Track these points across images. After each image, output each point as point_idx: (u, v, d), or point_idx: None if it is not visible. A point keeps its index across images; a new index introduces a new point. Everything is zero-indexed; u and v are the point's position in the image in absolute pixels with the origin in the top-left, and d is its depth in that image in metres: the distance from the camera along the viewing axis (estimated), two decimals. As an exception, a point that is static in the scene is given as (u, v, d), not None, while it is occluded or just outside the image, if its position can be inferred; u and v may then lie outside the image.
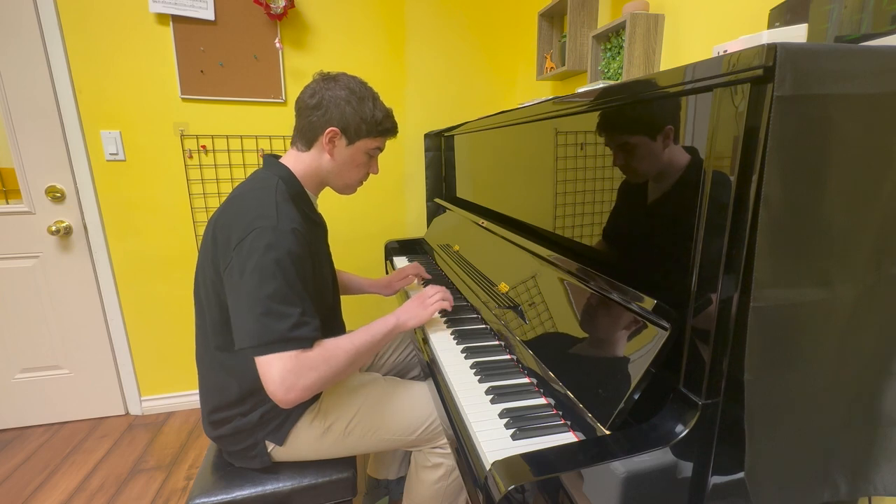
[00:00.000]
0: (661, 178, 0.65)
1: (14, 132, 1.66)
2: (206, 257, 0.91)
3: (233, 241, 0.84)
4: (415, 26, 1.94)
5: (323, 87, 0.95)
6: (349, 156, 1.00)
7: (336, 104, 0.94)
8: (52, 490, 1.56)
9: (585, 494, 0.56)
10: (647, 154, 0.67)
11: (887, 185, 0.53)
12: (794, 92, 0.46)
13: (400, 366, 1.34)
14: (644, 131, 0.67)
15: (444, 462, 1.04)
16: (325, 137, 0.96)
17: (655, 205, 0.67)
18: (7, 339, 1.82)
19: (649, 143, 0.66)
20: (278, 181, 0.93)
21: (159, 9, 1.64)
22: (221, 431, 0.96)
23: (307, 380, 0.82)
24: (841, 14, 0.71)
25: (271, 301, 0.81)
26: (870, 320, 0.57)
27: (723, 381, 0.57)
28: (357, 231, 2.08)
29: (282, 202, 0.88)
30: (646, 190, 0.69)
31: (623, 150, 0.73)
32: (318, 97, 0.95)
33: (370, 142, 1.00)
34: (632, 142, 0.70)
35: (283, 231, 0.84)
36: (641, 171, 0.69)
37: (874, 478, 0.63)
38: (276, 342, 0.80)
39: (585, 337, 0.75)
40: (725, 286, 0.54)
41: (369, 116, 0.96)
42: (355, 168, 1.03)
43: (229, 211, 0.90)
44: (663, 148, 0.64)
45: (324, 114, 0.95)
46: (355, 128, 0.96)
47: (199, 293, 0.95)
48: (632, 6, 1.19)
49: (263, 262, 0.81)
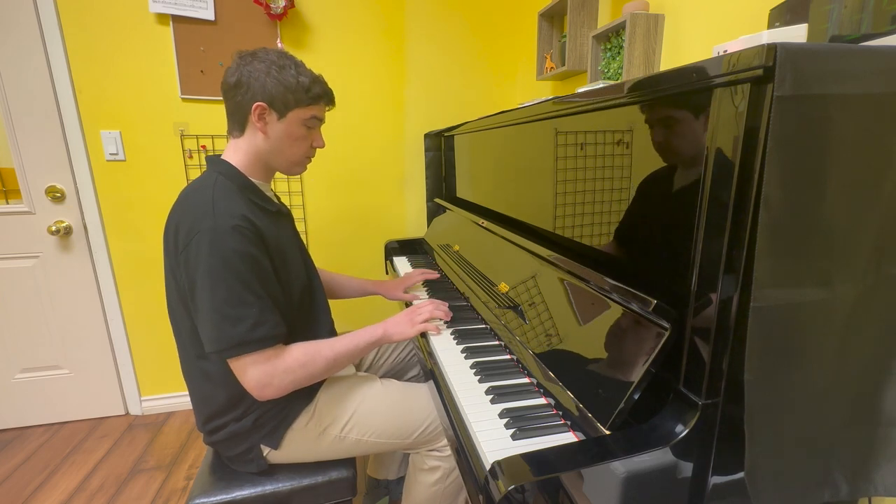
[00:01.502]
0: (660, 179, 0.65)
1: (14, 132, 1.66)
2: (167, 267, 0.90)
3: (179, 245, 0.83)
4: (415, 26, 1.94)
5: (241, 63, 0.90)
6: (284, 130, 0.93)
7: (256, 77, 0.88)
8: (52, 490, 1.56)
9: (585, 494, 0.56)
10: (647, 154, 0.67)
11: (887, 185, 0.53)
12: (794, 92, 0.46)
13: (399, 366, 1.33)
14: (644, 131, 0.67)
15: (441, 465, 1.03)
16: (254, 115, 0.90)
17: (655, 205, 0.67)
18: (7, 339, 1.82)
19: (649, 143, 0.66)
20: (217, 178, 0.90)
21: (159, 9, 1.64)
22: (217, 437, 0.96)
23: (282, 381, 0.86)
24: (841, 14, 0.71)
25: (225, 305, 0.80)
26: (870, 320, 0.57)
27: (723, 381, 0.57)
28: (357, 231, 2.09)
29: (220, 200, 0.85)
30: (646, 190, 0.69)
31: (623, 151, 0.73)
32: (238, 74, 0.89)
33: (303, 111, 0.93)
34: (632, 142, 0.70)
35: (223, 230, 0.81)
36: (641, 171, 0.69)
37: (875, 478, 0.63)
38: (235, 346, 0.81)
39: (585, 337, 0.75)
40: (725, 286, 0.54)
41: (294, 84, 0.90)
42: (294, 142, 0.95)
43: (174, 215, 0.88)
44: (663, 148, 0.64)
45: (246, 91, 0.89)
46: (282, 99, 0.90)
47: (170, 303, 0.94)
48: (632, 6, 1.19)
49: (210, 266, 0.80)
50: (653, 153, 0.66)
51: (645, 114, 0.67)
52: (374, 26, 1.90)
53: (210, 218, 0.82)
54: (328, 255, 2.04)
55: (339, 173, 2.00)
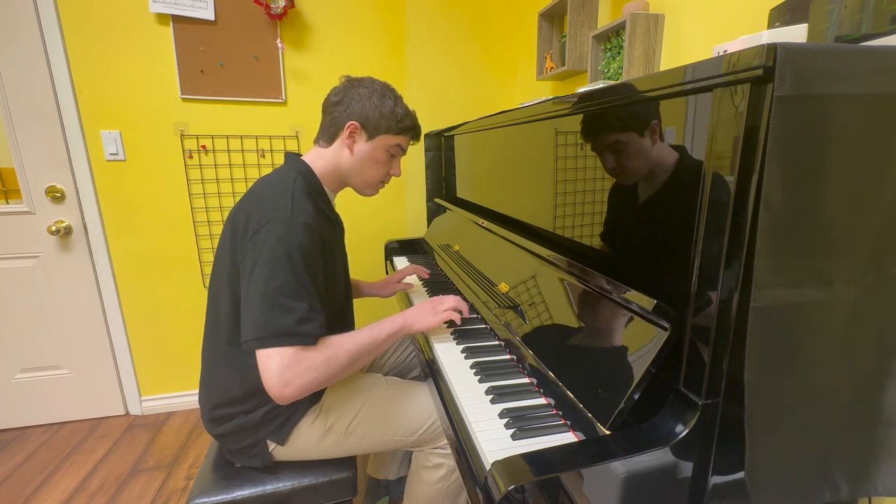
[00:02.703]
0: (661, 179, 0.65)
1: (14, 132, 1.66)
2: (224, 249, 0.92)
3: (249, 232, 0.86)
4: (415, 26, 1.94)
5: (347, 86, 0.99)
6: (369, 151, 1.00)
7: (357, 100, 0.97)
8: (52, 490, 1.56)
9: (585, 494, 0.56)
10: (648, 154, 0.67)
11: (887, 185, 0.53)
12: (793, 92, 0.46)
13: (401, 366, 1.34)
14: (644, 131, 0.67)
15: (445, 462, 1.04)
16: (346, 132, 0.97)
17: (655, 205, 0.67)
18: (7, 339, 1.82)
19: (649, 143, 0.66)
20: (297, 176, 0.94)
21: (159, 9, 1.64)
22: (223, 429, 0.96)
23: (305, 378, 0.82)
24: (841, 14, 0.71)
25: (279, 294, 0.81)
26: (870, 320, 0.57)
27: (723, 381, 0.57)
28: (357, 231, 2.08)
29: (298, 196, 0.89)
30: (646, 190, 0.69)
31: (623, 151, 0.73)
32: (342, 95, 0.98)
33: (390, 138, 1.01)
34: (632, 142, 0.70)
35: (296, 224, 0.85)
36: (642, 171, 0.69)
37: (875, 478, 0.63)
38: (279, 335, 0.81)
39: (585, 337, 0.75)
40: (725, 286, 0.54)
41: (389, 112, 0.98)
42: (375, 165, 1.03)
43: (247, 203, 0.91)
44: (663, 148, 0.64)
45: (345, 109, 0.97)
46: (375, 123, 0.98)
47: (214, 286, 0.96)
48: (632, 6, 1.19)
49: (275, 255, 0.82)
50: (653, 153, 0.66)
51: (645, 114, 0.67)
52: (374, 26, 1.90)
53: (287, 210, 0.86)
54: (328, 255, 2.04)
55: (339, 173, 2.00)
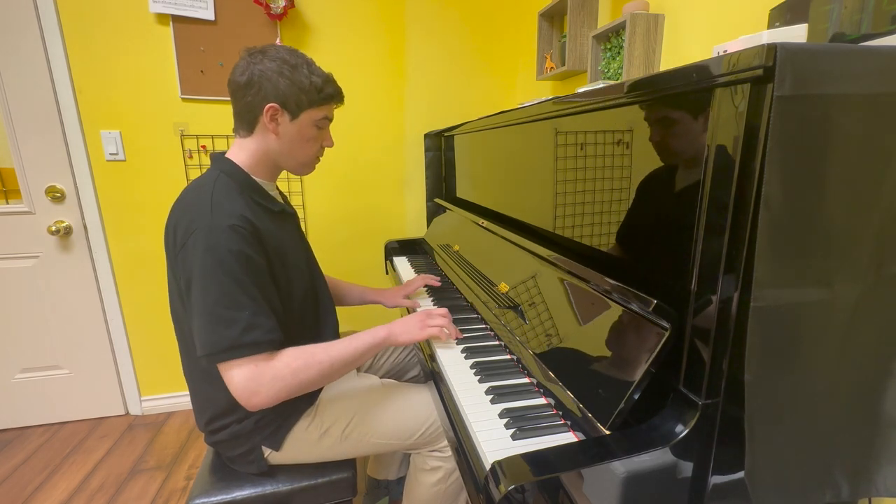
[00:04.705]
0: (660, 179, 0.65)
1: (14, 132, 1.66)
2: (168, 267, 0.89)
3: (178, 245, 0.82)
4: (415, 26, 1.94)
5: (251, 62, 0.87)
6: (296, 131, 0.92)
7: (268, 78, 0.86)
8: (52, 490, 1.56)
9: (585, 494, 0.56)
10: (647, 154, 0.67)
11: (887, 185, 0.53)
12: (794, 92, 0.46)
13: (399, 366, 1.33)
14: (644, 131, 0.67)
15: (442, 465, 1.03)
16: (266, 116, 0.88)
17: (655, 205, 0.67)
18: (7, 339, 1.82)
19: (649, 143, 0.66)
20: (218, 175, 0.89)
21: (159, 9, 1.64)
22: (218, 438, 0.96)
23: (272, 388, 0.80)
24: (841, 14, 0.71)
25: (216, 306, 0.78)
26: (870, 320, 0.57)
27: (723, 381, 0.57)
28: (357, 231, 2.08)
29: (220, 198, 0.84)
30: (646, 190, 0.69)
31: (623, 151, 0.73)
32: (248, 74, 0.87)
33: (315, 112, 0.92)
34: (632, 142, 0.70)
35: (220, 229, 0.79)
36: (641, 171, 0.69)
37: (876, 478, 0.63)
38: (226, 350, 0.78)
39: (585, 337, 0.75)
40: (725, 286, 0.54)
41: (307, 84, 0.88)
42: (306, 143, 0.95)
43: (174, 214, 0.87)
44: (663, 148, 0.64)
45: (258, 91, 0.87)
46: (295, 99, 0.88)
47: (172, 304, 0.92)
48: (632, 6, 1.19)
49: (205, 267, 0.78)
50: (653, 153, 0.66)
51: (645, 114, 0.67)
52: (374, 26, 1.90)
53: (207, 216, 0.81)
54: (328, 256, 2.03)
55: (340, 173, 2.00)
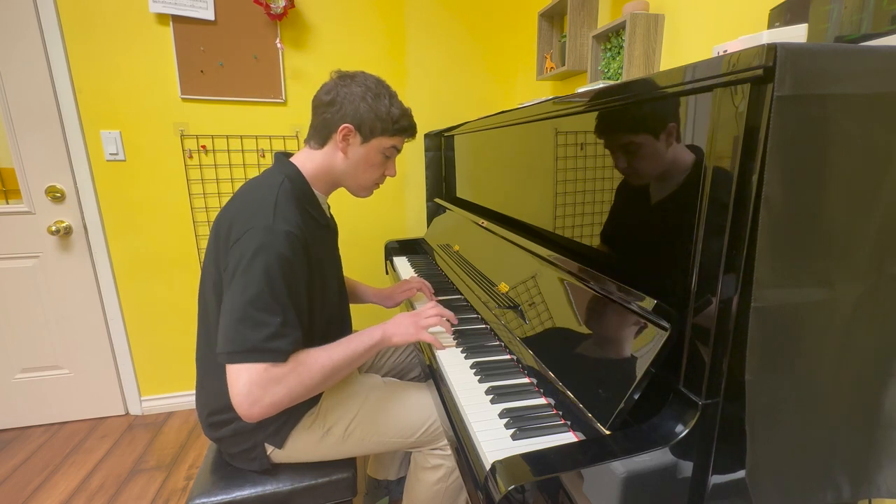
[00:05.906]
0: (661, 179, 0.65)
1: (14, 132, 1.66)
2: (210, 256, 0.90)
3: (231, 239, 0.83)
4: (415, 26, 1.94)
5: (339, 84, 0.94)
6: (364, 155, 0.97)
7: (351, 100, 0.92)
8: (52, 490, 1.56)
9: (585, 494, 0.56)
10: (648, 154, 0.67)
11: (887, 185, 0.53)
12: (794, 92, 0.46)
13: (400, 366, 1.33)
14: (644, 131, 0.67)
15: (444, 463, 1.04)
16: (339, 135, 0.93)
17: (656, 205, 0.67)
18: (7, 339, 1.82)
19: (649, 143, 0.66)
20: (284, 180, 0.91)
21: (159, 9, 1.64)
22: (221, 433, 0.96)
23: (275, 396, 0.79)
24: (841, 14, 0.71)
25: (251, 307, 0.78)
26: (871, 320, 0.57)
27: (723, 381, 0.57)
28: (357, 231, 2.08)
29: (282, 202, 0.86)
30: (646, 190, 0.69)
31: (623, 151, 0.73)
32: (333, 94, 0.93)
33: (386, 140, 0.97)
34: (632, 142, 0.70)
35: (277, 232, 0.81)
36: (642, 171, 0.69)
37: (877, 479, 0.62)
38: (247, 351, 0.77)
39: (585, 337, 0.75)
40: (725, 286, 0.54)
41: (385, 114, 0.94)
42: (370, 168, 1.00)
43: (231, 208, 0.89)
44: (663, 148, 0.64)
45: (338, 110, 0.93)
46: (370, 125, 0.94)
47: (203, 293, 0.94)
48: (632, 6, 1.19)
49: (252, 265, 0.79)
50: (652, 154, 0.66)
51: (644, 114, 0.67)
52: (374, 26, 1.90)
53: (269, 217, 0.83)
54: (328, 255, 2.04)
55: (339, 173, 2.00)
